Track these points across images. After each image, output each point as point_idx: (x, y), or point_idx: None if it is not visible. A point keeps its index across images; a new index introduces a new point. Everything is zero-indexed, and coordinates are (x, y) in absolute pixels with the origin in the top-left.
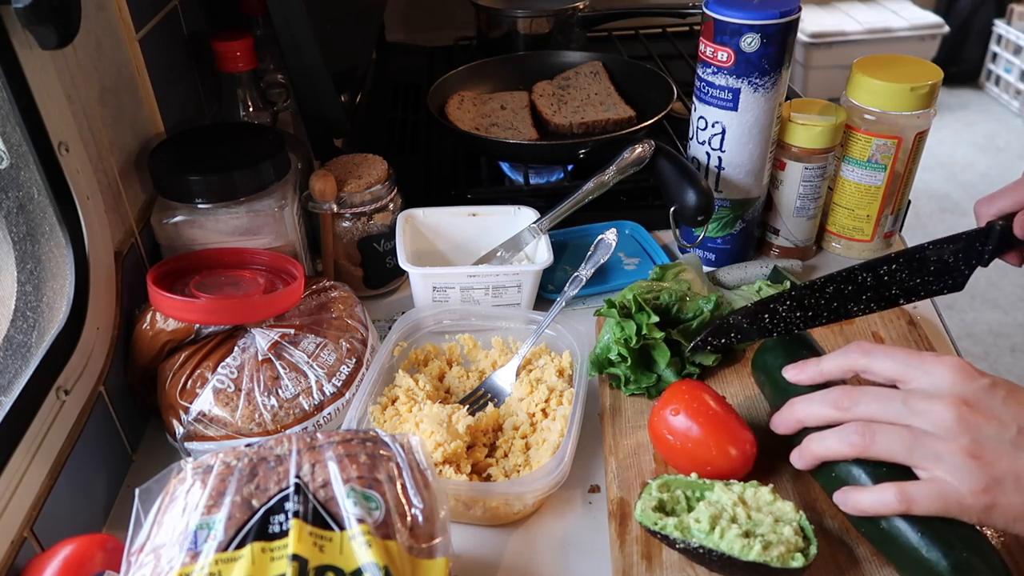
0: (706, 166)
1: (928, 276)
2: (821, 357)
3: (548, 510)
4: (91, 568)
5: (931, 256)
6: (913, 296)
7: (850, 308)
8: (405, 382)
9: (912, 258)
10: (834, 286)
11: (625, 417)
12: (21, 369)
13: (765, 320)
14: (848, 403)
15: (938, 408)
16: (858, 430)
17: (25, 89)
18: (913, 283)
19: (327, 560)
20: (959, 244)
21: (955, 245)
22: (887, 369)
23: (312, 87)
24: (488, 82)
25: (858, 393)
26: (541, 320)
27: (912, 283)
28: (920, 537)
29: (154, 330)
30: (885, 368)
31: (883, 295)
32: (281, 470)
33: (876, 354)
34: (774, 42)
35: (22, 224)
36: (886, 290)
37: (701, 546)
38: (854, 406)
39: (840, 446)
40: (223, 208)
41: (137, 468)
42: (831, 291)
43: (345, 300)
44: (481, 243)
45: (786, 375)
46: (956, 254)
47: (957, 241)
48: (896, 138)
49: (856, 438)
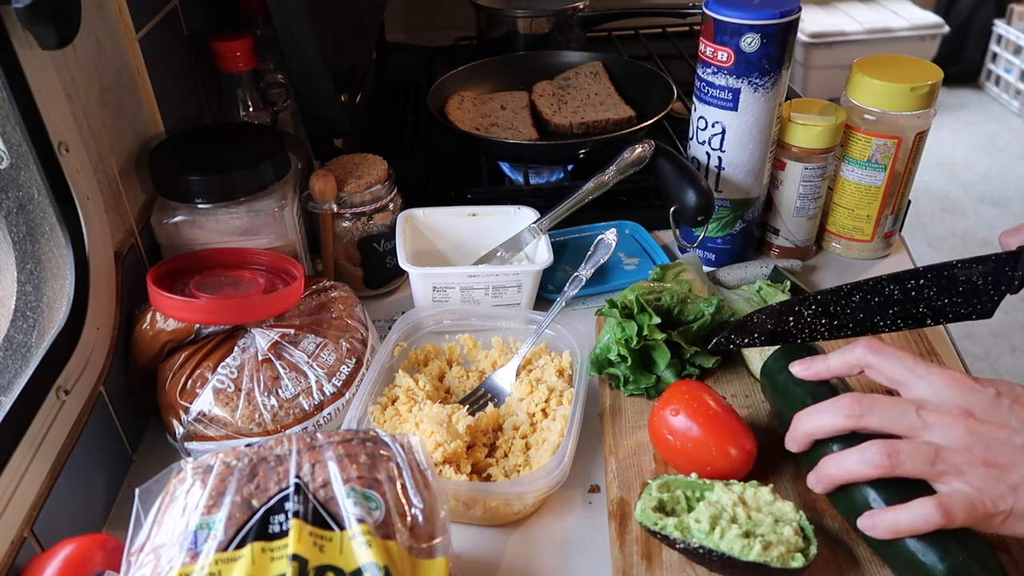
0: (706, 166)
1: (956, 297)
2: (829, 353)
3: (548, 510)
4: (91, 568)
5: (959, 276)
6: (941, 318)
7: (876, 322)
8: (405, 382)
9: (940, 275)
10: (860, 295)
11: (625, 417)
12: (21, 369)
13: (790, 324)
14: (859, 410)
15: (948, 420)
16: (882, 450)
17: (25, 89)
18: (941, 303)
19: (327, 560)
20: (988, 266)
21: (984, 266)
22: (895, 371)
23: (312, 87)
24: (488, 82)
25: (868, 400)
26: (541, 320)
27: (940, 303)
28: (917, 540)
29: (154, 330)
30: (892, 370)
31: (910, 312)
32: (281, 470)
33: (886, 354)
34: (774, 42)
35: (22, 224)
36: (913, 307)
37: (701, 546)
38: (866, 413)
39: (864, 467)
40: (223, 208)
41: (137, 468)
42: (857, 300)
43: (345, 300)
44: (481, 243)
45: (793, 370)
46: (985, 276)
47: (986, 262)
48: (896, 138)
49: (882, 459)
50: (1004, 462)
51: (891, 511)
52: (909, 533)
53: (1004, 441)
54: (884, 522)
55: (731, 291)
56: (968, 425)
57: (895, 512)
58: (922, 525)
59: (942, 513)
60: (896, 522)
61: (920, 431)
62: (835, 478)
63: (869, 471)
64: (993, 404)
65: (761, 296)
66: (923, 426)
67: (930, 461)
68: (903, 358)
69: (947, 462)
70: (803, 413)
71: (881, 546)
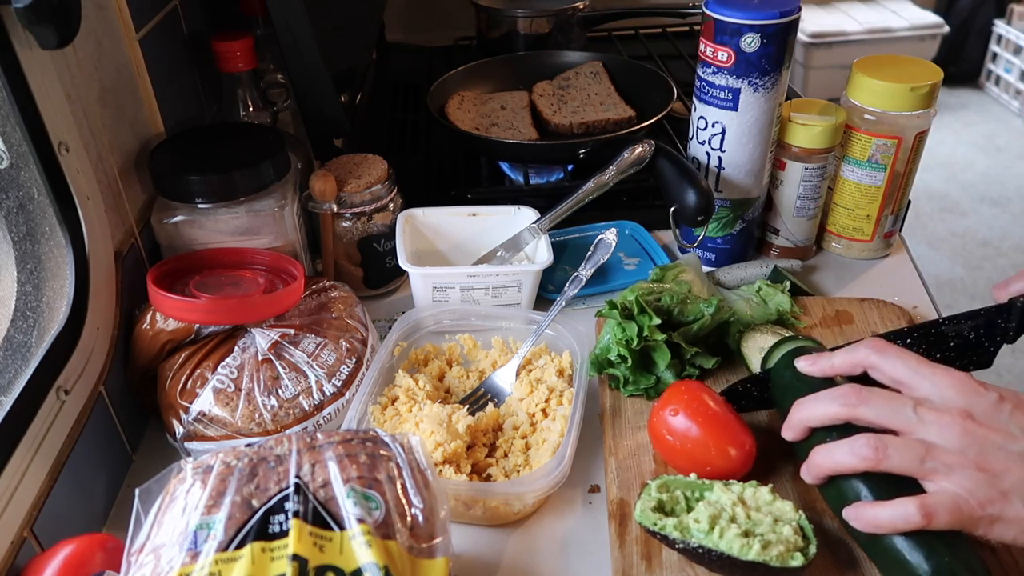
0: (706, 166)
1: (948, 352)
2: (833, 351)
3: (548, 510)
4: (91, 568)
5: (948, 332)
6: None
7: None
8: (405, 382)
9: (928, 333)
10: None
11: (625, 418)
12: (21, 369)
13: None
14: (856, 400)
15: (946, 419)
16: (870, 443)
17: (25, 89)
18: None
19: (327, 560)
20: (979, 320)
21: (974, 321)
22: (897, 371)
23: (312, 87)
24: (488, 82)
25: (867, 392)
26: (541, 320)
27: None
28: (904, 539)
29: (154, 330)
30: (895, 370)
31: None
32: (281, 470)
33: (889, 354)
34: (774, 42)
35: (22, 224)
36: None
37: (700, 546)
38: (862, 404)
39: (851, 459)
40: (223, 208)
41: (137, 468)
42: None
43: (345, 300)
44: (481, 243)
45: (798, 365)
46: (976, 330)
47: (976, 317)
48: (896, 138)
49: (868, 452)
50: (997, 467)
51: (874, 507)
52: (890, 531)
53: (1000, 446)
54: (865, 516)
55: (730, 291)
56: (965, 426)
57: (877, 508)
58: (902, 524)
59: (923, 514)
60: (877, 517)
61: (915, 427)
62: (823, 468)
63: (856, 463)
64: (994, 408)
65: (761, 296)
66: (919, 422)
67: (919, 458)
68: (906, 359)
69: (938, 460)
70: (801, 400)
71: (868, 544)
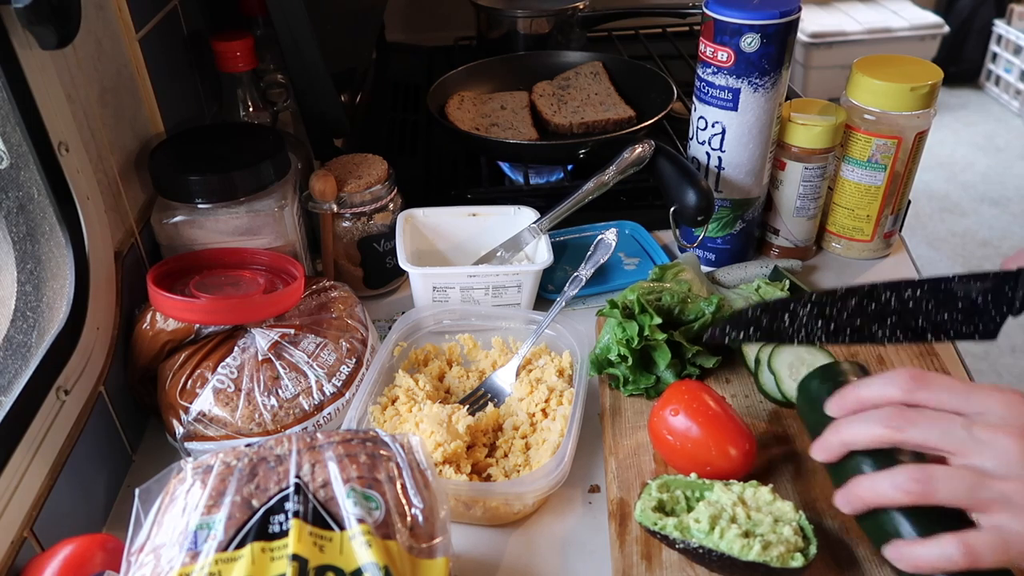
0: (706, 166)
1: (956, 314)
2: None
3: (548, 510)
4: (91, 568)
5: (958, 291)
6: (942, 334)
7: (875, 330)
8: (405, 382)
9: (937, 287)
10: (856, 299)
11: (625, 417)
12: (21, 369)
13: (785, 322)
14: (902, 422)
15: (1003, 440)
16: (915, 476)
17: (25, 89)
18: (940, 318)
19: (327, 560)
20: (987, 283)
21: (983, 283)
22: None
23: (312, 87)
24: (488, 82)
25: (914, 414)
26: (541, 320)
27: (940, 318)
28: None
29: (154, 330)
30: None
31: (909, 324)
32: (281, 470)
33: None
34: (774, 42)
35: (22, 224)
36: (912, 319)
37: (701, 546)
38: (909, 426)
39: (895, 493)
40: (223, 208)
41: (137, 468)
42: (853, 305)
43: (345, 300)
44: (481, 243)
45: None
46: (984, 294)
47: (984, 279)
48: (896, 138)
49: (913, 486)
50: None
51: (913, 545)
52: (931, 571)
53: None
54: (906, 556)
55: (729, 290)
56: None
57: (918, 547)
58: (945, 564)
59: (964, 553)
60: (917, 557)
61: (968, 449)
62: (865, 501)
63: (900, 497)
64: None
65: (760, 295)
66: (972, 443)
67: (969, 489)
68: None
69: (994, 490)
70: (842, 420)
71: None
